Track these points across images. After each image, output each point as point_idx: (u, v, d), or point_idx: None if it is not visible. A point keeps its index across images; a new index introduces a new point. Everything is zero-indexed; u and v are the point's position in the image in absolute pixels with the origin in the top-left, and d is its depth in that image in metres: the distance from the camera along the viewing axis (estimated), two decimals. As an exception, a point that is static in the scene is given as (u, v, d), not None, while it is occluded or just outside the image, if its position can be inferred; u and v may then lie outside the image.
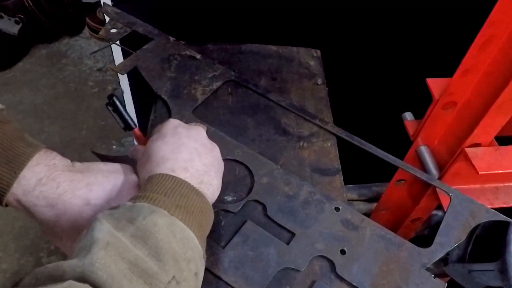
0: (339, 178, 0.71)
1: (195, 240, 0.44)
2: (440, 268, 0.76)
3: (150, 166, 0.50)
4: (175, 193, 0.46)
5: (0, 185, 0.45)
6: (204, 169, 0.52)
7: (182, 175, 0.49)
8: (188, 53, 0.86)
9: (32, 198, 0.46)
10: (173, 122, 0.57)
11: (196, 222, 0.45)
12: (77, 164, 0.51)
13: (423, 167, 0.77)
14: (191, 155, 0.52)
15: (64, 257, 0.51)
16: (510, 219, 0.64)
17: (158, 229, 0.40)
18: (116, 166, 0.53)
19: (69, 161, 0.51)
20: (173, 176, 0.48)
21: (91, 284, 0.34)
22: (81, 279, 0.34)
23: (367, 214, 0.87)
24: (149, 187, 0.46)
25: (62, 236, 0.49)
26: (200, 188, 0.49)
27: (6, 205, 0.47)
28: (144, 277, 0.37)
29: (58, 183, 0.47)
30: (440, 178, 0.74)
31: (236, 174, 0.69)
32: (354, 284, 0.58)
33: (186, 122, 0.73)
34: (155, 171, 0.49)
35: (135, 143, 0.66)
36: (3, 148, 0.45)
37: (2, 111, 0.48)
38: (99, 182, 0.50)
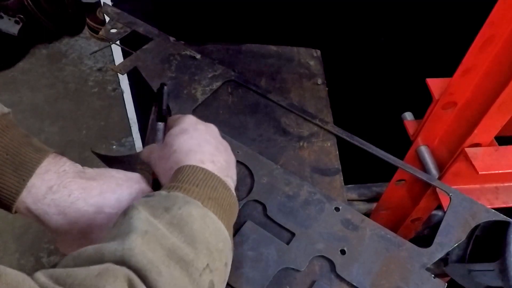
0: (339, 178, 0.71)
1: (226, 232, 0.44)
2: (440, 268, 0.76)
3: (178, 157, 0.50)
4: (206, 184, 0.46)
5: (9, 193, 0.44)
6: (226, 165, 0.52)
7: (210, 167, 0.49)
8: (188, 53, 0.86)
9: (43, 206, 0.45)
10: (192, 118, 0.57)
11: (226, 215, 0.46)
12: (88, 170, 0.50)
13: (423, 167, 0.77)
14: (215, 150, 0.53)
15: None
16: (510, 219, 0.64)
17: (193, 219, 0.41)
18: (129, 174, 0.53)
19: (79, 166, 0.49)
20: (203, 168, 0.48)
21: (130, 268, 0.35)
22: (120, 262, 0.35)
23: (367, 214, 0.87)
24: (181, 177, 0.46)
25: (73, 244, 0.48)
26: (226, 182, 0.49)
27: (15, 212, 0.46)
28: (181, 264, 0.38)
29: (70, 190, 0.46)
30: (440, 178, 0.74)
31: (236, 174, 0.69)
32: (354, 284, 0.58)
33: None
34: (185, 162, 0.49)
35: (135, 143, 0.66)
36: (10, 154, 0.44)
37: (8, 115, 0.47)
38: (112, 190, 0.49)
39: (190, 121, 0.56)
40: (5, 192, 0.44)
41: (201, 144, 0.52)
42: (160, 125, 0.61)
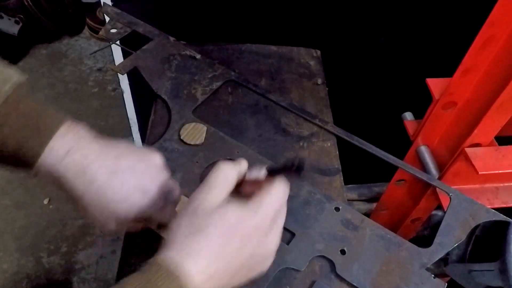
0: (339, 178, 0.71)
1: None
2: (440, 268, 0.76)
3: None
4: None
5: (30, 155, 0.47)
6: None
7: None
8: (188, 53, 0.86)
9: (61, 167, 0.47)
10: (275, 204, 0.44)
11: None
12: (104, 139, 0.52)
13: (423, 167, 0.77)
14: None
15: (64, 258, 0.51)
16: (510, 219, 0.64)
17: None
18: (144, 149, 0.54)
19: (94, 133, 0.51)
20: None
21: None
22: None
23: (367, 214, 0.87)
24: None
25: (88, 207, 0.49)
26: None
27: (36, 175, 0.48)
28: None
29: (86, 153, 0.48)
30: (440, 178, 0.74)
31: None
32: (354, 284, 0.58)
33: (186, 122, 0.74)
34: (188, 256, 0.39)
35: (135, 143, 0.66)
36: (31, 120, 0.47)
37: (25, 84, 0.49)
38: (126, 157, 0.50)
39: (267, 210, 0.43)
40: (27, 154, 0.47)
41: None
42: None
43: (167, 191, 0.51)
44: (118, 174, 0.49)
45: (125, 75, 1.00)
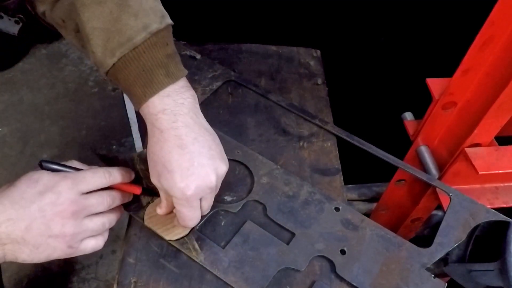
0: (339, 178, 0.71)
1: None
2: (440, 268, 0.76)
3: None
4: None
5: (133, 101, 0.53)
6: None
7: None
8: (188, 53, 0.86)
9: (152, 119, 0.52)
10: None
11: None
12: (201, 119, 0.55)
13: (423, 167, 0.77)
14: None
15: (64, 258, 0.51)
16: (510, 219, 0.64)
17: None
18: (220, 151, 0.57)
19: (197, 108, 0.55)
20: None
21: None
22: None
23: (367, 214, 0.87)
24: None
25: (150, 164, 0.54)
26: None
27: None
28: None
29: (176, 119, 0.52)
30: (440, 178, 0.74)
31: (236, 174, 0.69)
32: (354, 284, 0.58)
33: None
34: None
35: (135, 143, 0.66)
36: (145, 71, 0.50)
37: (164, 30, 0.51)
38: (203, 140, 0.53)
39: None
40: (132, 99, 0.53)
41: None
42: None
43: None
44: (184, 150, 0.52)
45: (125, 75, 1.00)
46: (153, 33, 0.50)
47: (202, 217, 0.62)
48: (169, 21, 0.52)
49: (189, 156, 0.51)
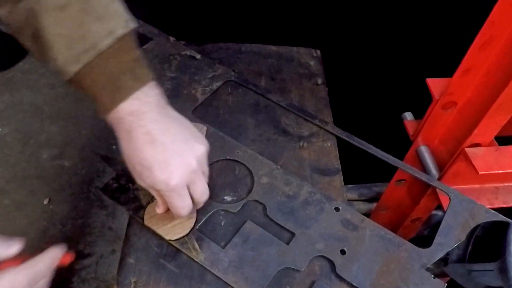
0: (339, 178, 0.71)
1: None
2: (440, 268, 0.76)
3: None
4: None
5: (101, 108, 0.52)
6: None
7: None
8: (188, 53, 0.86)
9: (119, 122, 0.52)
10: None
11: None
12: (170, 110, 0.55)
13: (423, 167, 0.77)
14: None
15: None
16: (510, 220, 0.64)
17: None
18: (197, 134, 0.57)
19: (163, 101, 0.54)
20: None
21: None
22: None
23: (367, 214, 0.87)
24: None
25: (129, 167, 0.54)
26: None
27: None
28: None
29: (143, 117, 0.51)
30: (440, 178, 0.74)
31: (236, 174, 0.69)
32: (354, 284, 0.58)
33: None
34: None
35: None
36: (112, 77, 0.49)
37: (129, 35, 0.50)
38: (173, 128, 0.53)
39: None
40: (99, 106, 0.52)
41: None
42: None
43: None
44: (155, 144, 0.51)
45: (125, 75, 1.00)
46: (119, 38, 0.49)
47: (203, 216, 0.62)
48: (133, 24, 0.51)
49: (162, 148, 0.51)
